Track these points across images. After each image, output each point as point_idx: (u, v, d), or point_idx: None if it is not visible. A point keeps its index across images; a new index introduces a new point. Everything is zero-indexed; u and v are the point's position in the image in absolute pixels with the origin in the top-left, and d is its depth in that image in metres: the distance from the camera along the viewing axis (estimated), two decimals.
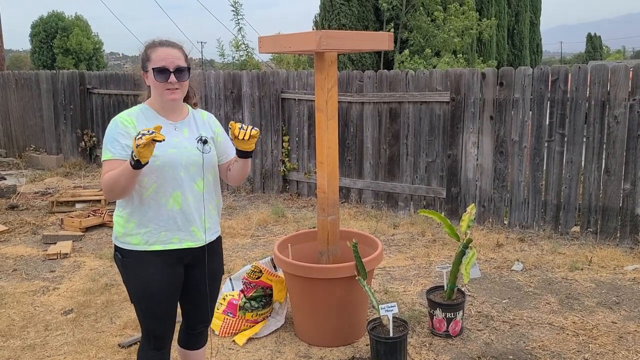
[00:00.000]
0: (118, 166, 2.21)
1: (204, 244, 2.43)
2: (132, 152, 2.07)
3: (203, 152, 2.39)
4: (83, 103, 9.53)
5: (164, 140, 2.05)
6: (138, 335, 3.63)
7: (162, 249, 2.34)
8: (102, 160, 2.31)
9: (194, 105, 2.55)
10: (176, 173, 2.32)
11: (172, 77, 2.30)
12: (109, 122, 2.18)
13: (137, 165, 2.10)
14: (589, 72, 5.29)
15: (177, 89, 2.33)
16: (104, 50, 34.26)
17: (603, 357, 3.31)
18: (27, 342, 3.61)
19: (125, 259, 2.37)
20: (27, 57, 37.92)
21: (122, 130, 2.30)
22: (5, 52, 13.29)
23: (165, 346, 2.47)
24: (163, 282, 2.36)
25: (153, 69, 2.30)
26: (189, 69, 2.37)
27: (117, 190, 2.22)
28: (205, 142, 2.41)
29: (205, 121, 2.53)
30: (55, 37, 30.20)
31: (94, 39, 32.29)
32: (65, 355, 3.45)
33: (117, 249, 2.40)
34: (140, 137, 2.02)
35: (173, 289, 2.41)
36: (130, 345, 3.52)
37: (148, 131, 2.03)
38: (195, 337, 2.65)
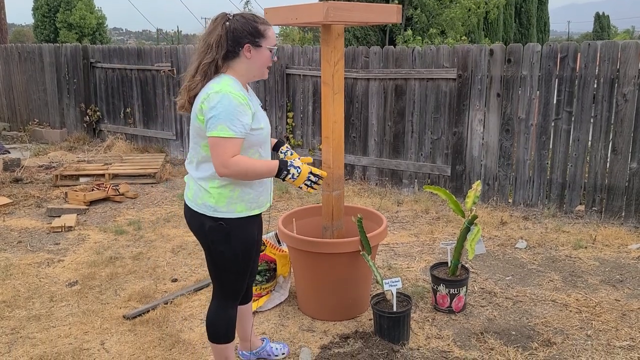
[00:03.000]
0: (239, 146, 2.32)
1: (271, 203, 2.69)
2: (293, 172, 2.48)
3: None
4: (86, 77, 9.47)
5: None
6: (143, 307, 3.66)
7: (259, 212, 2.56)
8: (218, 135, 2.27)
9: None
10: (269, 139, 2.58)
11: (274, 57, 2.50)
12: (112, 97, 2.18)
13: (280, 175, 2.46)
14: (599, 49, 5.22)
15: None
16: (107, 26, 33.88)
17: (606, 333, 3.32)
18: (32, 313, 3.64)
19: (230, 227, 2.45)
20: (29, 32, 37.59)
21: (241, 108, 2.31)
22: (7, 26, 13.17)
23: (238, 302, 2.70)
24: (257, 241, 2.61)
25: (270, 48, 2.44)
26: None
27: (248, 179, 2.40)
28: (265, 110, 2.60)
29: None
30: (58, 12, 29.91)
31: (97, 14, 31.96)
32: (70, 325, 3.48)
33: (219, 220, 2.44)
34: (312, 184, 2.53)
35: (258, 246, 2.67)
36: (135, 317, 3.55)
37: (317, 177, 2.54)
38: (246, 292, 2.84)
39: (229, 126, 2.27)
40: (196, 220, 2.48)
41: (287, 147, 2.84)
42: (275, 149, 2.82)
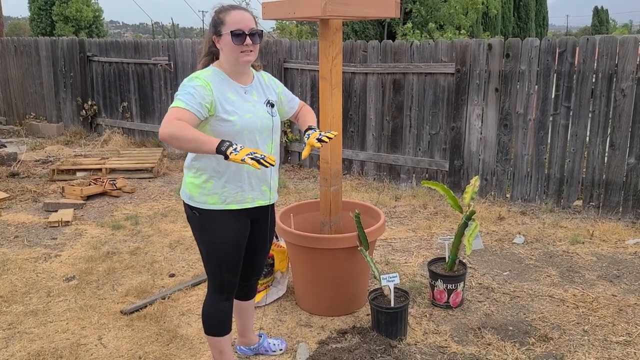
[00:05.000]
0: (185, 116, 2.22)
1: (269, 202, 2.60)
2: (231, 148, 2.10)
3: (272, 116, 2.53)
4: (83, 71, 9.43)
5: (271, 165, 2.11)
6: (140, 302, 3.66)
7: (237, 207, 2.49)
8: (170, 106, 2.30)
9: (257, 68, 2.65)
10: (253, 136, 2.44)
11: (248, 40, 2.37)
12: (109, 91, 2.19)
13: (224, 157, 2.13)
14: (597, 44, 5.21)
15: (251, 51, 2.41)
16: (103, 19, 33.71)
17: (602, 329, 3.33)
18: (29, 308, 3.63)
19: (203, 217, 2.48)
20: (25, 25, 37.38)
21: (200, 89, 2.31)
22: (4, 19, 13.10)
23: (233, 296, 2.67)
24: (236, 236, 2.52)
25: (231, 32, 2.35)
26: (261, 31, 2.44)
27: (177, 144, 2.18)
28: (272, 105, 2.55)
29: (268, 84, 2.63)
30: (55, 4, 29.76)
31: (93, 7, 31.80)
32: (68, 320, 3.47)
33: (193, 208, 2.50)
34: (258, 159, 2.08)
35: (243, 241, 2.57)
36: (133, 312, 3.54)
37: (261, 155, 2.10)
38: (248, 289, 2.86)
39: (182, 99, 2.28)
40: (184, 207, 2.58)
41: (311, 130, 2.58)
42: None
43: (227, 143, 2.14)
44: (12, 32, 33.83)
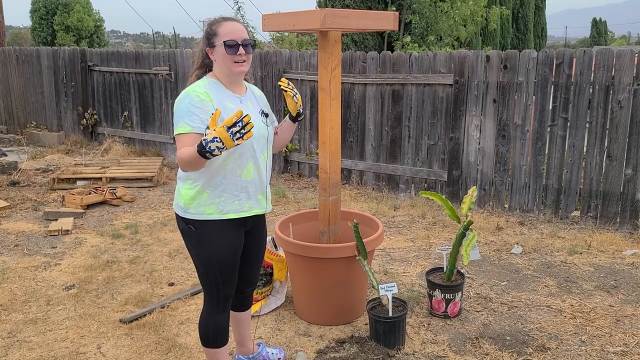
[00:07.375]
0: (196, 139, 2.23)
1: (265, 211, 2.62)
2: (213, 146, 2.08)
3: (267, 125, 2.57)
4: (84, 80, 9.48)
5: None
6: (139, 311, 3.67)
7: (235, 217, 2.49)
8: (175, 133, 2.32)
9: (249, 80, 2.70)
10: (251, 145, 2.46)
11: (241, 50, 2.40)
12: (110, 100, 2.20)
13: (206, 157, 2.12)
14: (594, 56, 5.26)
15: (244, 61, 2.44)
16: (105, 28, 33.86)
17: (600, 339, 3.34)
18: (29, 316, 3.65)
19: (199, 230, 2.46)
20: (27, 34, 37.53)
21: (200, 104, 2.32)
22: (5, 28, 13.18)
23: (229, 308, 2.67)
24: (234, 247, 2.52)
25: (224, 42, 2.38)
26: (254, 41, 2.46)
27: (191, 168, 2.26)
28: (267, 115, 2.60)
29: (259, 95, 2.69)
30: (56, 14, 29.92)
31: (95, 16, 31.97)
32: (67, 329, 3.48)
33: (188, 222, 2.47)
34: (240, 134, 2.08)
35: (238, 253, 2.56)
36: (132, 321, 3.55)
37: (240, 124, 2.08)
38: (244, 300, 2.87)
39: (187, 122, 2.30)
40: (177, 220, 2.57)
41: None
42: None
43: (205, 149, 2.09)
44: (14, 41, 33.94)
